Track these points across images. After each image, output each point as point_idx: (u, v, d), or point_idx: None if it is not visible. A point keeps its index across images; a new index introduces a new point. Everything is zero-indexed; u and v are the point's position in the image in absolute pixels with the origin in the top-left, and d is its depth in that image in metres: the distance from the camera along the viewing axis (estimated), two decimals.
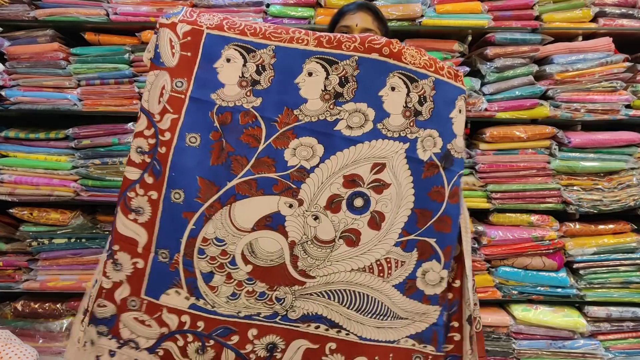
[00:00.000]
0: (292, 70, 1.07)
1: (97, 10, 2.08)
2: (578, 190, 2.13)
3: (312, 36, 1.08)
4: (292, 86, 1.07)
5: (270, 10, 2.11)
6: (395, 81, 1.09)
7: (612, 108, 2.11)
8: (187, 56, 1.07)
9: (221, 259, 1.06)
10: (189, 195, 1.05)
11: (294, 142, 1.06)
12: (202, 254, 1.06)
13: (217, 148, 1.06)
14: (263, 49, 1.08)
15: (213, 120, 1.06)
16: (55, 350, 2.23)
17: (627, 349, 2.16)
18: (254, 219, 1.06)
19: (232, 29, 1.10)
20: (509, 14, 2.11)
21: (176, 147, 1.05)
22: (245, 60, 1.08)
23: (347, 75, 1.07)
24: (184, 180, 1.05)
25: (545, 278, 2.13)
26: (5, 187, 2.15)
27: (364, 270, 1.07)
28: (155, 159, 1.05)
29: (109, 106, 2.14)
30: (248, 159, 1.06)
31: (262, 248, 1.06)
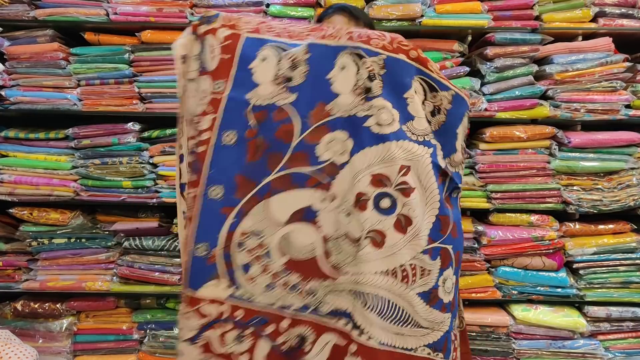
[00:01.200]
0: (325, 65, 1.08)
1: (97, 10, 2.08)
2: (578, 190, 2.13)
3: (344, 31, 1.10)
4: (325, 81, 1.07)
5: (270, 10, 2.11)
6: (418, 86, 1.10)
7: (612, 108, 2.11)
8: (226, 59, 1.10)
9: (258, 251, 1.07)
10: (227, 192, 1.07)
11: (327, 136, 1.06)
12: (241, 247, 1.07)
13: (252, 145, 1.08)
14: (297, 47, 1.10)
15: (248, 118, 1.09)
16: (55, 350, 2.23)
17: (627, 349, 2.17)
18: (289, 212, 1.07)
19: (269, 32, 1.13)
20: (509, 14, 2.11)
21: (215, 145, 1.08)
22: (280, 59, 1.10)
23: (374, 72, 1.07)
24: (222, 177, 1.08)
25: (545, 278, 2.13)
26: (5, 187, 2.15)
27: (387, 273, 1.06)
28: (196, 159, 1.09)
29: (109, 106, 2.14)
30: (283, 154, 1.07)
31: (297, 240, 1.07)
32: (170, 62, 2.14)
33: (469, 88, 2.10)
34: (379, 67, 1.07)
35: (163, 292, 2.20)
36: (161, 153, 2.16)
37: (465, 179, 2.15)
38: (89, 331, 2.26)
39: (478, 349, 2.15)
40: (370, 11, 2.08)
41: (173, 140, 2.16)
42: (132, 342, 2.26)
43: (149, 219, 2.25)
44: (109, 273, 2.24)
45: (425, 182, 1.07)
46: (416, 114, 1.08)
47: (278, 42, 1.11)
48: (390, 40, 1.09)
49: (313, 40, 1.10)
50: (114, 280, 2.22)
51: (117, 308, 2.28)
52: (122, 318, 2.27)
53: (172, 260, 2.20)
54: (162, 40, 2.12)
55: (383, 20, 2.10)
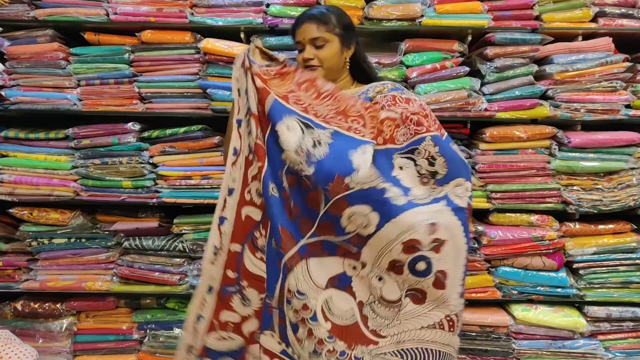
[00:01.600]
0: (346, 152, 1.10)
1: (97, 10, 2.08)
2: (578, 190, 2.13)
3: (369, 128, 1.13)
4: (345, 158, 1.09)
5: (270, 10, 2.11)
6: (400, 161, 1.13)
7: (612, 108, 2.11)
8: (260, 110, 1.13)
9: (303, 313, 1.08)
10: (277, 243, 1.09)
11: (348, 210, 1.07)
12: (289, 304, 1.09)
13: (288, 206, 1.11)
14: (322, 129, 1.12)
15: (282, 179, 1.11)
16: (55, 350, 2.23)
17: (627, 349, 2.17)
18: (326, 277, 1.09)
19: (297, 104, 1.14)
20: (509, 14, 2.11)
21: (264, 194, 1.11)
22: (304, 134, 1.10)
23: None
24: (273, 227, 1.10)
25: (545, 278, 2.13)
26: (5, 187, 2.15)
27: (434, 327, 1.08)
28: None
29: (108, 106, 2.14)
30: (312, 222, 1.10)
31: (337, 306, 1.08)
32: (170, 62, 2.14)
33: (469, 88, 2.10)
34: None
35: (163, 292, 2.20)
36: (161, 153, 2.16)
37: None
38: (89, 331, 2.26)
39: (478, 349, 2.15)
40: (370, 11, 2.08)
41: (173, 140, 2.16)
42: (132, 342, 2.26)
43: (149, 219, 2.25)
44: (109, 273, 2.24)
45: (454, 230, 1.09)
46: (410, 185, 1.11)
47: (304, 117, 1.13)
48: (377, 133, 1.15)
49: (338, 129, 1.12)
50: (114, 280, 2.22)
51: (117, 308, 2.28)
52: (122, 318, 2.27)
53: (172, 260, 2.20)
54: (162, 40, 2.11)
55: (383, 20, 2.10)
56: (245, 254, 1.13)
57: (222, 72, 2.10)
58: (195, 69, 2.12)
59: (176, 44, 2.12)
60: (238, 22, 2.10)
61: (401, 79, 2.14)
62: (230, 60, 2.08)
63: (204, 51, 2.08)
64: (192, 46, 2.12)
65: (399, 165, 1.13)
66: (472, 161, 2.15)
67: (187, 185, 2.15)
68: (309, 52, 1.38)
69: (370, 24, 2.12)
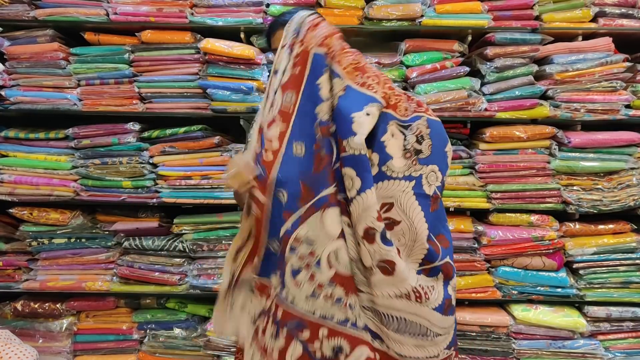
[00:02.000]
0: (349, 113, 1.14)
1: (97, 10, 2.08)
2: (578, 190, 2.13)
3: (381, 88, 1.19)
4: (348, 121, 1.14)
5: (270, 10, 2.11)
6: (394, 129, 1.18)
7: (612, 108, 2.11)
8: (295, 74, 1.18)
9: (309, 259, 1.12)
10: (290, 198, 1.13)
11: (344, 170, 1.13)
12: (293, 251, 1.13)
13: (317, 157, 1.15)
14: (339, 79, 1.17)
15: (317, 132, 1.15)
16: (55, 350, 2.24)
17: (626, 349, 2.17)
18: (338, 228, 1.13)
19: (329, 51, 1.19)
20: (509, 14, 2.11)
21: (285, 154, 1.15)
22: (332, 85, 1.16)
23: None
24: (289, 183, 1.14)
25: (545, 278, 2.13)
26: (5, 187, 2.15)
27: (402, 297, 1.12)
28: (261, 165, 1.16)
29: (108, 106, 2.14)
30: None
31: (344, 256, 1.12)
32: (170, 62, 2.14)
33: (469, 88, 2.10)
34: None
35: (163, 292, 2.20)
36: (161, 153, 2.16)
37: (465, 179, 2.15)
38: (89, 331, 2.26)
39: (478, 349, 2.15)
40: (370, 11, 2.08)
41: (173, 140, 2.16)
42: (132, 342, 2.26)
43: (149, 219, 2.25)
44: (109, 273, 2.24)
45: (411, 213, 1.14)
46: (394, 153, 1.16)
47: (333, 69, 1.17)
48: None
49: (351, 84, 1.17)
50: (114, 280, 2.23)
51: (117, 308, 2.28)
52: (122, 318, 2.27)
53: (172, 260, 2.20)
54: (162, 40, 2.12)
55: (383, 20, 2.10)
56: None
57: (222, 72, 2.10)
58: (195, 69, 2.12)
59: (176, 44, 2.12)
60: (238, 22, 2.10)
61: (401, 79, 2.15)
62: (231, 61, 2.08)
63: (204, 51, 2.08)
64: (192, 46, 2.12)
65: (391, 132, 1.17)
66: (472, 161, 2.15)
67: (187, 185, 2.15)
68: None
69: (370, 24, 2.12)
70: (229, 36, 2.13)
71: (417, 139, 1.18)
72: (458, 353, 1.21)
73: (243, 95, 2.09)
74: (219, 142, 2.15)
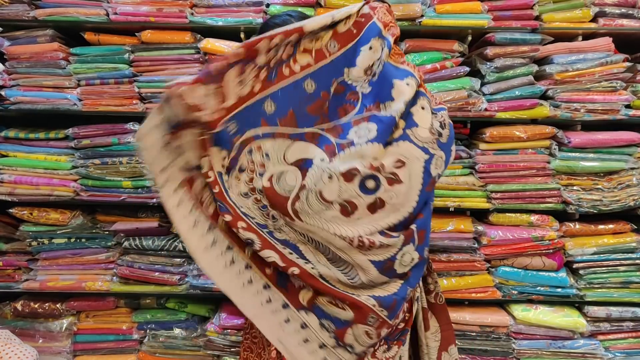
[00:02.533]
0: (391, 79, 1.22)
1: (97, 10, 2.08)
2: (578, 190, 2.13)
3: (416, 73, 1.27)
4: (389, 86, 1.21)
5: (270, 10, 2.11)
6: (424, 103, 1.24)
7: (612, 108, 2.11)
8: (352, 32, 1.24)
9: (258, 166, 1.20)
10: (276, 113, 1.20)
11: (363, 124, 1.18)
12: (250, 153, 1.19)
13: (319, 104, 1.22)
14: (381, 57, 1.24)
15: (331, 85, 1.22)
16: (55, 350, 2.24)
17: (627, 349, 2.17)
18: (296, 157, 1.20)
19: (387, 27, 1.26)
20: (509, 14, 2.11)
21: (295, 81, 1.21)
22: (381, 53, 1.22)
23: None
24: (282, 102, 1.20)
25: (545, 278, 2.13)
26: (5, 187, 2.15)
27: (345, 239, 1.15)
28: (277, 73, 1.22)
29: (108, 106, 2.14)
30: (330, 122, 1.23)
31: (286, 180, 1.18)
32: (170, 62, 2.14)
33: (469, 88, 2.10)
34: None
35: (163, 292, 2.20)
36: None
37: (465, 179, 2.15)
38: (89, 331, 2.26)
39: (478, 349, 2.15)
40: None
41: None
42: (132, 342, 2.26)
43: (148, 219, 2.25)
44: (108, 273, 2.24)
45: (414, 181, 1.18)
46: (421, 124, 1.21)
47: (384, 36, 1.25)
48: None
49: (392, 62, 1.26)
50: (113, 280, 2.23)
51: (117, 308, 2.28)
52: (122, 318, 2.27)
53: (172, 260, 2.20)
54: (162, 40, 2.12)
55: None
56: None
57: None
58: (195, 69, 2.12)
59: (176, 44, 2.12)
60: (238, 22, 2.10)
61: None
62: None
63: (204, 51, 2.08)
64: (192, 46, 2.12)
65: (421, 105, 1.23)
66: (472, 161, 2.15)
67: None
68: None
69: None
70: (229, 36, 2.13)
71: (441, 125, 1.24)
72: (390, 325, 1.23)
73: None
74: None
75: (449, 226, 2.12)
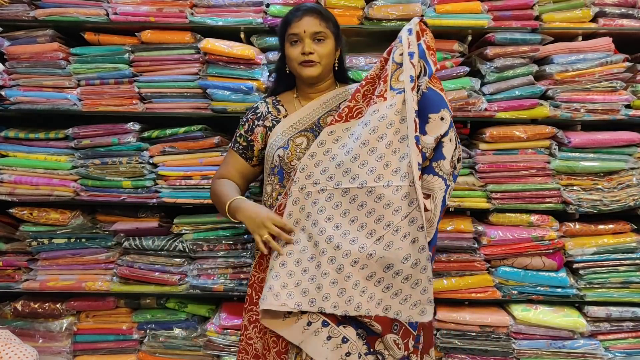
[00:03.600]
0: (427, 113, 1.33)
1: (97, 10, 2.08)
2: (578, 190, 2.13)
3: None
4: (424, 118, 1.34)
5: (270, 10, 2.11)
6: (452, 136, 1.33)
7: (612, 108, 2.11)
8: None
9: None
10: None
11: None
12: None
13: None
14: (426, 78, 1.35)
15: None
16: (55, 350, 2.24)
17: (627, 349, 2.17)
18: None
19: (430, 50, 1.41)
20: (509, 14, 2.11)
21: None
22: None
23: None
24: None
25: (545, 278, 2.13)
26: (5, 187, 2.15)
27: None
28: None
29: (108, 106, 2.14)
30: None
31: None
32: (170, 62, 2.14)
33: (469, 88, 2.10)
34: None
35: (163, 292, 2.20)
36: (161, 153, 2.16)
37: (465, 179, 2.15)
38: (89, 331, 2.26)
39: (478, 349, 2.15)
40: (370, 11, 2.08)
41: (173, 140, 2.16)
42: (132, 342, 2.26)
43: (148, 219, 2.25)
44: (108, 273, 2.24)
45: (437, 207, 1.29)
46: (447, 156, 1.31)
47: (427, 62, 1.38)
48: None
49: (431, 87, 1.37)
50: (113, 280, 2.22)
51: (117, 308, 2.28)
52: (122, 318, 2.27)
53: (172, 260, 2.20)
54: (162, 40, 2.12)
55: (383, 20, 2.10)
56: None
57: (222, 72, 2.10)
58: (195, 69, 2.12)
59: (176, 44, 2.12)
60: (238, 22, 2.10)
61: None
62: (231, 61, 2.08)
63: (204, 51, 2.08)
64: (192, 46, 2.12)
65: (449, 138, 1.33)
66: (472, 161, 2.15)
67: (187, 185, 2.15)
68: (309, 45, 1.38)
69: (370, 24, 2.12)
70: (229, 36, 2.13)
71: (458, 158, 1.35)
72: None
73: (243, 95, 2.09)
74: (219, 142, 2.15)
75: (449, 226, 2.12)
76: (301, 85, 1.56)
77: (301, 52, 1.40)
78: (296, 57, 1.42)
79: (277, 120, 1.54)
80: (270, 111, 1.56)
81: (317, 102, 1.54)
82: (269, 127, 1.54)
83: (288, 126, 1.51)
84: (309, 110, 1.53)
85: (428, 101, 1.30)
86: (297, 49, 1.41)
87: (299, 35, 1.39)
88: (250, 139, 1.54)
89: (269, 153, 1.51)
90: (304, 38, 1.39)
